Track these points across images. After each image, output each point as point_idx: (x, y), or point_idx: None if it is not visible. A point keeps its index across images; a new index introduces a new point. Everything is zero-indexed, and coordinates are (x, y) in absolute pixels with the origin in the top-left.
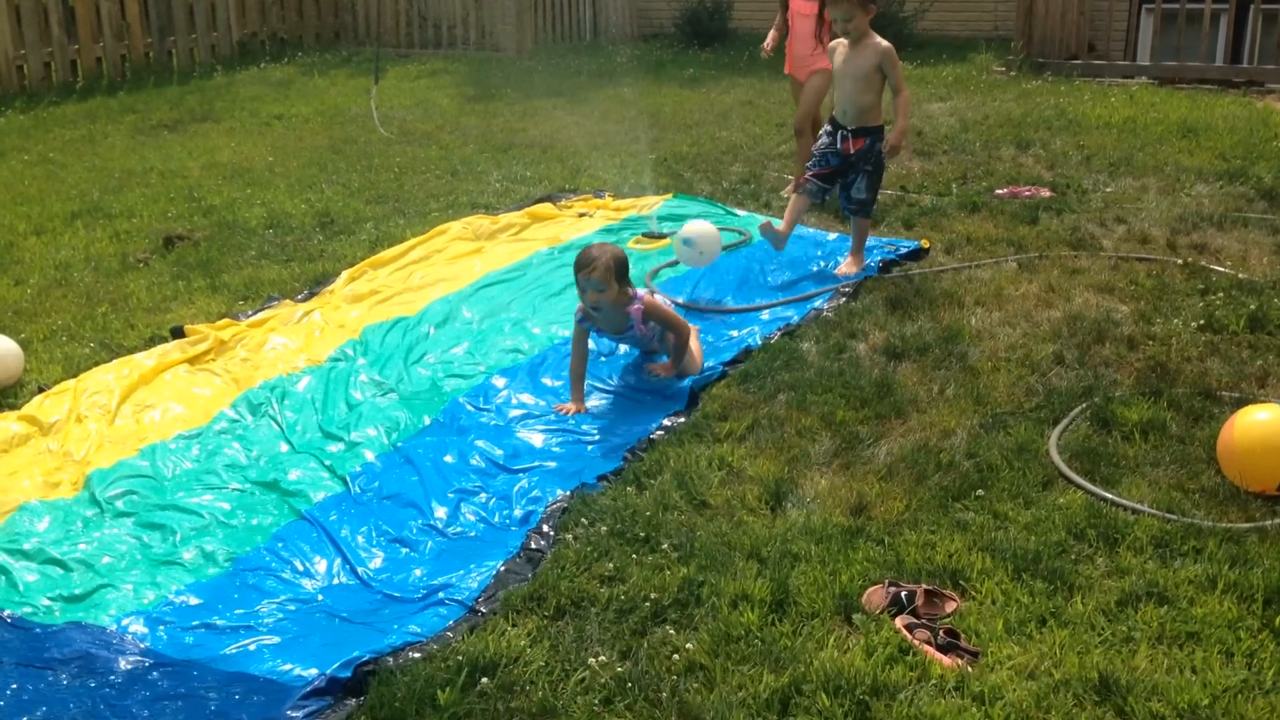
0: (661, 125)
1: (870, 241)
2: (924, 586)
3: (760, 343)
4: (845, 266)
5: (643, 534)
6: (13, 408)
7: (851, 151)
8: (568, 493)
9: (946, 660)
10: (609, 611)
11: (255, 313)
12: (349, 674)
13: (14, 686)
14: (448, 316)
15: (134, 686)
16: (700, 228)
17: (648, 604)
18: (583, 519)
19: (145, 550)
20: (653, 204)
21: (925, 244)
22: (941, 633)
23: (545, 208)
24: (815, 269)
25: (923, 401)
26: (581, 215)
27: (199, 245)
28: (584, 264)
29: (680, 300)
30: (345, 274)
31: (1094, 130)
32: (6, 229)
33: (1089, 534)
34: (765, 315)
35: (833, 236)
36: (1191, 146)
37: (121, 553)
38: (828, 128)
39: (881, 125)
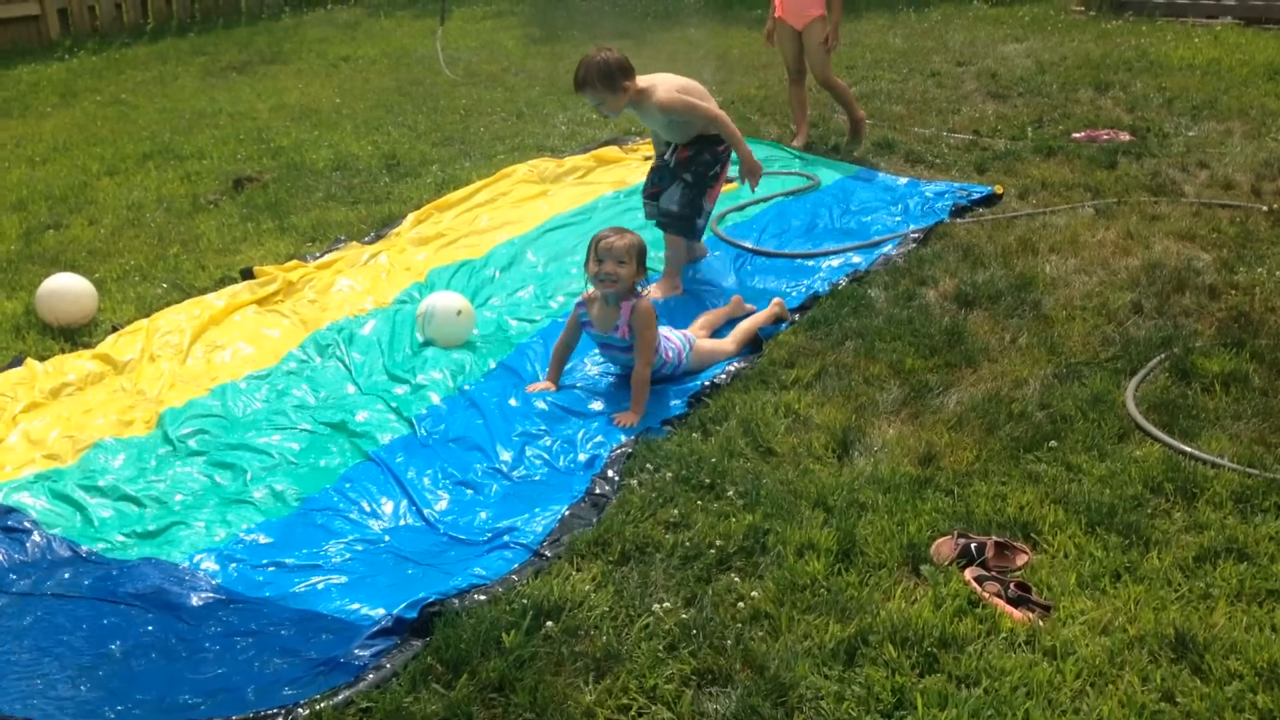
0: (729, 67)
1: (941, 186)
2: (994, 539)
3: (828, 289)
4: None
5: (708, 480)
6: (87, 346)
7: (677, 161)
8: (632, 438)
9: (1017, 614)
10: (673, 558)
11: (322, 255)
12: (415, 615)
13: (90, 620)
14: (513, 260)
15: (206, 621)
16: (440, 303)
17: (713, 551)
18: (647, 464)
19: (217, 489)
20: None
21: (998, 189)
22: (1012, 586)
23: (611, 151)
24: (887, 214)
25: (994, 350)
26: (647, 159)
27: (267, 187)
28: (610, 233)
29: (747, 244)
30: (411, 216)
31: (1176, 72)
32: (80, 169)
33: (1166, 488)
34: (835, 262)
35: (903, 181)
36: (1278, 89)
37: (194, 491)
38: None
39: (716, 136)
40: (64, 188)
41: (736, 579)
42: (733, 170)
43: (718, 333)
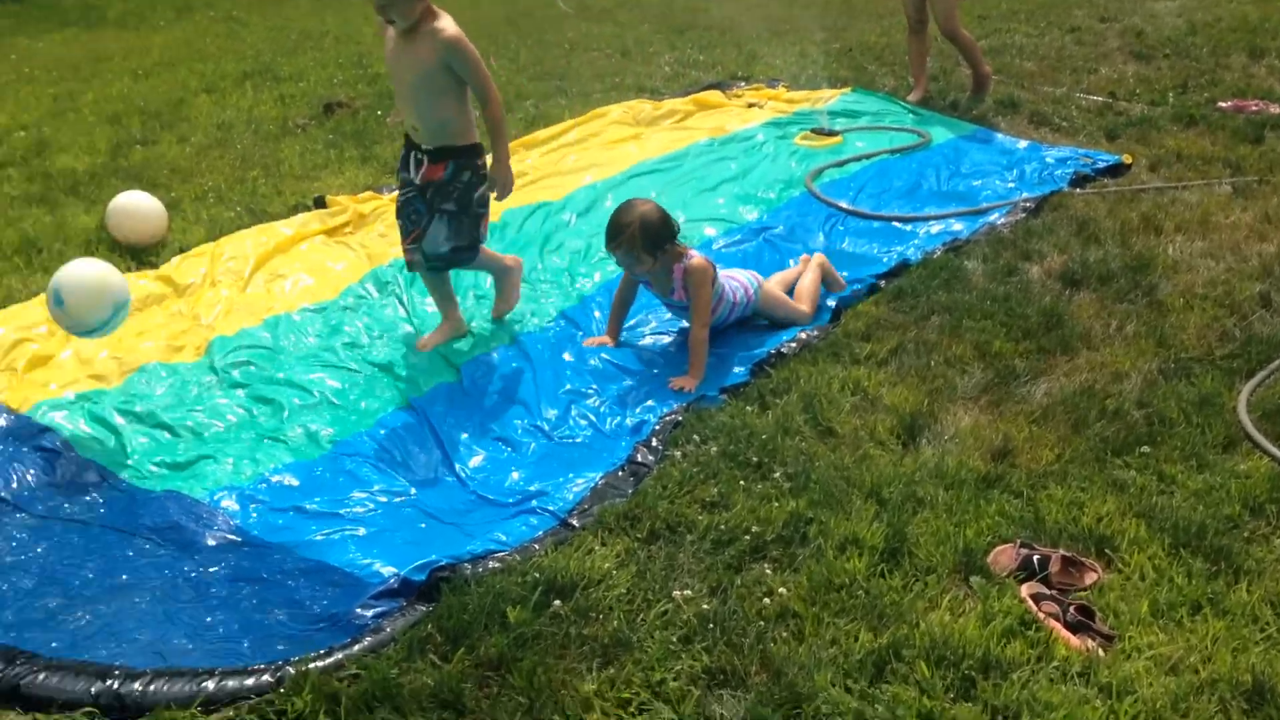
0: (852, 12)
1: (1064, 152)
2: (1061, 552)
3: (920, 257)
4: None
5: (755, 459)
6: (153, 267)
7: (426, 182)
8: (684, 405)
9: (1074, 641)
10: (705, 540)
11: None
12: (423, 578)
13: (102, 550)
14: (592, 205)
15: (215, 564)
16: (77, 274)
17: (748, 537)
18: (695, 435)
19: (253, 424)
20: (828, 98)
21: (1127, 159)
22: (1073, 609)
23: (713, 95)
24: (999, 179)
25: (1096, 338)
26: (750, 105)
27: (357, 114)
28: (611, 234)
29: (843, 204)
30: None
31: None
32: (180, 85)
33: (1269, 510)
34: (935, 228)
35: (1023, 144)
36: None
37: (230, 424)
38: (403, 155)
39: (475, 145)
40: (161, 103)
41: (769, 570)
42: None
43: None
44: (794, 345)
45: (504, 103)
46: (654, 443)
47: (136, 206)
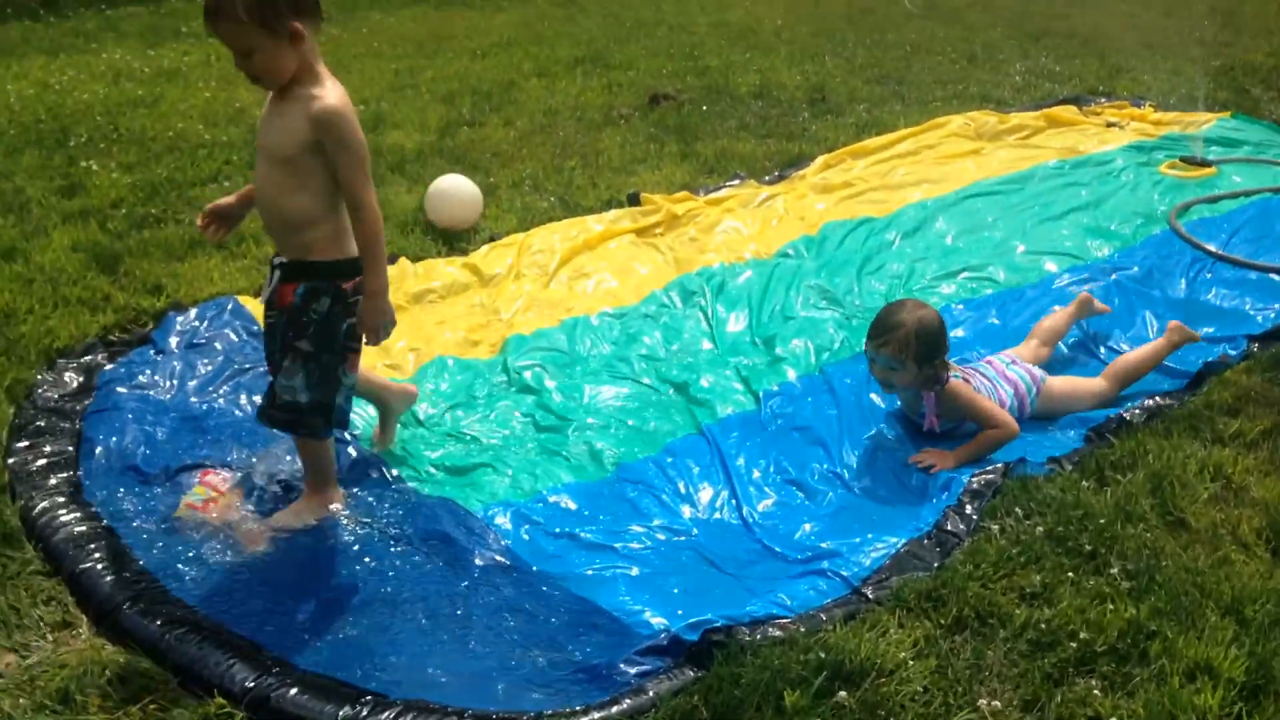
0: (1236, 26)
1: None
2: None
3: None
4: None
5: (1089, 546)
6: (463, 253)
7: (279, 304)
8: (1001, 465)
9: None
10: (1021, 640)
11: (716, 189)
12: (695, 638)
13: (374, 554)
14: (920, 225)
15: (481, 587)
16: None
17: (1074, 644)
18: (1016, 508)
19: (536, 435)
20: (1202, 122)
21: None
22: None
23: (1067, 111)
24: None
25: None
26: (1110, 125)
27: (682, 107)
28: (878, 330)
29: (1212, 248)
30: (821, 159)
31: None
32: (514, 67)
33: None
34: None
35: None
36: None
37: (514, 431)
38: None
39: (342, 262)
40: (493, 84)
41: (1097, 691)
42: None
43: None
44: (1140, 412)
45: (838, 105)
46: (968, 509)
47: (454, 189)
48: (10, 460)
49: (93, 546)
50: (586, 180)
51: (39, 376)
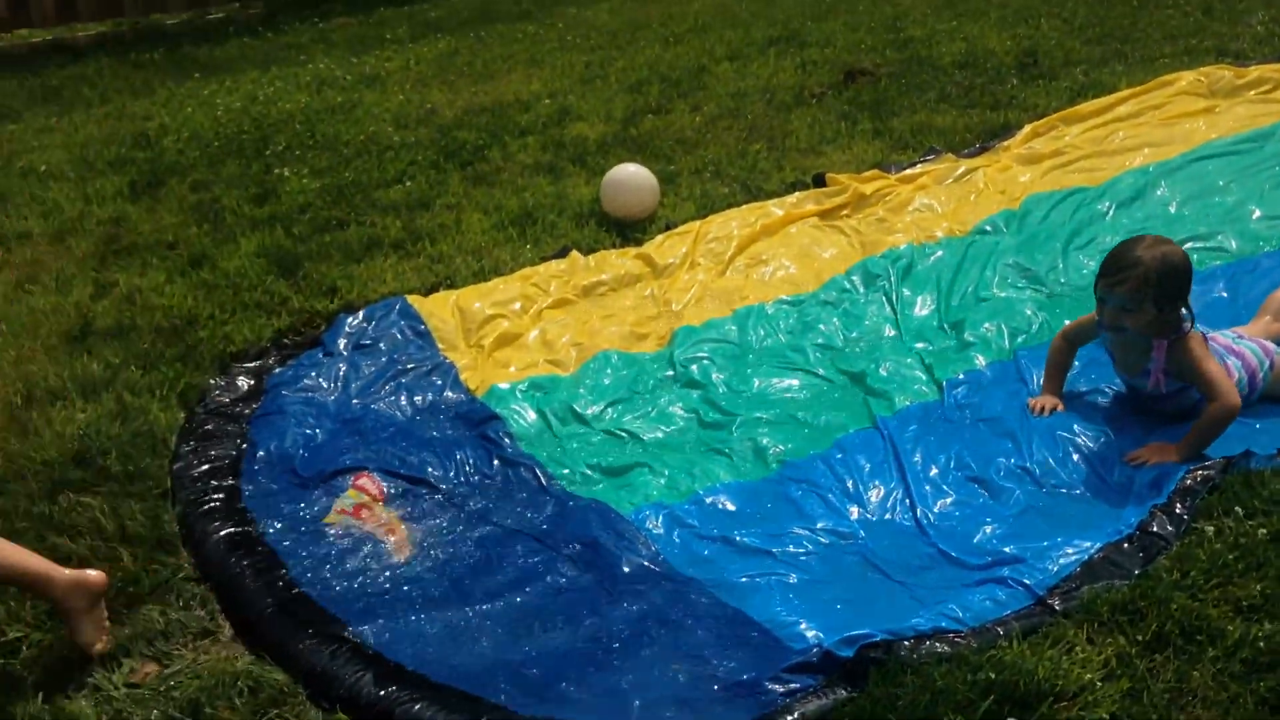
0: None
1: None
2: None
3: None
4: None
5: None
6: (638, 244)
7: None
8: (1221, 460)
9: None
10: (1234, 660)
11: (910, 166)
12: (850, 653)
13: (516, 564)
14: (1139, 194)
15: (626, 595)
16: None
17: None
18: (1237, 506)
19: (698, 432)
20: None
21: None
22: None
23: None
24: None
25: None
26: None
27: (879, 82)
28: (1113, 267)
29: None
30: (1028, 128)
31: None
32: (705, 53)
33: None
34: None
35: None
36: None
37: (676, 428)
38: None
39: None
40: (682, 70)
41: None
42: None
43: None
44: None
45: (1052, 69)
46: (1177, 508)
47: (629, 178)
48: (175, 465)
49: (242, 552)
50: (771, 164)
51: (211, 381)
